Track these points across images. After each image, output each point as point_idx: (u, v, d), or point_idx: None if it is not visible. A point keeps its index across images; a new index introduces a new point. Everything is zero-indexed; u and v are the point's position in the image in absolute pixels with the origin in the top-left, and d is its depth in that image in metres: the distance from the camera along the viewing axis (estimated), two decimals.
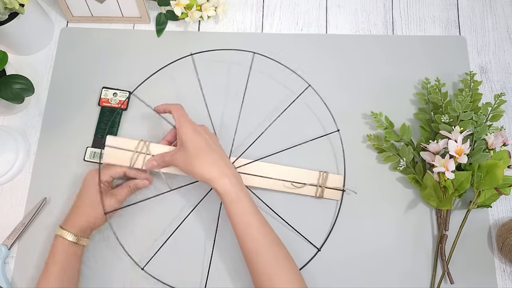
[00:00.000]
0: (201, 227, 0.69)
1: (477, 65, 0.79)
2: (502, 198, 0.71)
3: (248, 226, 0.57)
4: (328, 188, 0.69)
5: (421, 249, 0.68)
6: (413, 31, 0.81)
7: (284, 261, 0.57)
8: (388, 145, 0.71)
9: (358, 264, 0.68)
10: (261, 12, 0.83)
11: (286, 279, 0.55)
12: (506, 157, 0.65)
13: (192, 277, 0.67)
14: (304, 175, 0.69)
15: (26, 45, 0.78)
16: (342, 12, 0.83)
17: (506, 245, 0.65)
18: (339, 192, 0.70)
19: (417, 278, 0.67)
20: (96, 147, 0.74)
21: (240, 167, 0.69)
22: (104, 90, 0.76)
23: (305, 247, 0.68)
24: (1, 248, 0.67)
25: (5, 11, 0.69)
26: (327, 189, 0.69)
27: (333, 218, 0.70)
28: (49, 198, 0.71)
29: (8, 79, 0.68)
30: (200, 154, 0.59)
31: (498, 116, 0.70)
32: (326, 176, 0.69)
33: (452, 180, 0.64)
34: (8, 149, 0.72)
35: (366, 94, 0.76)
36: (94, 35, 0.81)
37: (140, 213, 0.70)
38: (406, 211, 0.70)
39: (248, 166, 0.69)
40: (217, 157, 0.59)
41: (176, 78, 0.77)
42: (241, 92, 0.74)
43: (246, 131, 0.74)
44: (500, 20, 0.81)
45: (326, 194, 0.69)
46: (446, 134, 0.65)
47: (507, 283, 0.67)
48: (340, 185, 0.70)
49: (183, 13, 0.77)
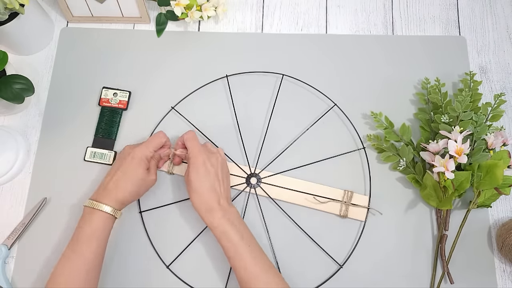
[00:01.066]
0: None
1: (477, 65, 0.79)
2: (502, 198, 0.71)
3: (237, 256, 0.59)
4: (353, 206, 0.68)
5: (421, 249, 0.68)
6: (413, 31, 0.81)
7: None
8: (388, 145, 0.71)
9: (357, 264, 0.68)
10: (261, 12, 0.83)
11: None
12: (506, 157, 0.65)
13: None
14: (328, 192, 0.69)
15: (26, 45, 0.78)
16: (342, 12, 0.83)
17: (506, 245, 0.65)
18: (364, 212, 0.68)
19: (417, 278, 0.67)
20: (96, 147, 0.74)
21: (264, 178, 0.70)
22: (104, 90, 0.76)
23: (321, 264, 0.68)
24: (1, 248, 0.67)
25: (5, 11, 0.69)
26: (351, 208, 0.68)
27: (356, 237, 0.69)
28: (49, 198, 0.71)
29: (8, 79, 0.68)
30: (198, 191, 0.62)
31: (498, 116, 0.70)
32: (351, 196, 0.69)
33: (452, 180, 0.64)
34: (8, 149, 0.72)
35: (366, 94, 0.76)
36: (94, 35, 0.81)
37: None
38: (406, 211, 0.70)
39: (272, 179, 0.70)
40: (212, 196, 0.62)
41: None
42: (267, 108, 0.76)
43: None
44: (500, 20, 0.81)
45: (351, 214, 0.68)
46: (446, 134, 0.65)
47: (507, 283, 0.67)
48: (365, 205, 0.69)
49: (183, 13, 0.77)
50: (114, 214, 0.62)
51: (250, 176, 0.71)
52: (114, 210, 0.61)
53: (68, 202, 0.71)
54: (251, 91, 0.77)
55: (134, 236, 0.69)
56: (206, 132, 0.74)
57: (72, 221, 0.70)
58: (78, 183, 0.72)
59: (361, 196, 0.69)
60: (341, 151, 0.73)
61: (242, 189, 0.70)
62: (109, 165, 0.73)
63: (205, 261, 0.68)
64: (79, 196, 0.71)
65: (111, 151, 0.73)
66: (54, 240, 0.69)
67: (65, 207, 0.71)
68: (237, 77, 0.77)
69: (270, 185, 0.70)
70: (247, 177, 0.71)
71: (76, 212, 0.70)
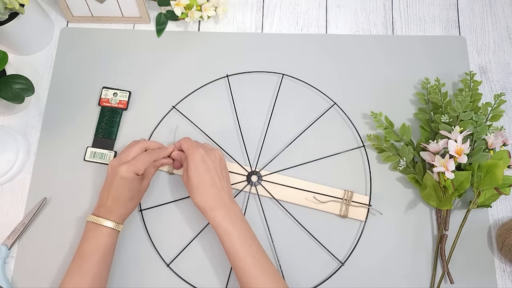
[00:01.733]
0: None
1: (477, 65, 0.79)
2: (502, 198, 0.71)
3: (237, 257, 0.59)
4: (353, 206, 0.68)
5: (421, 249, 0.68)
6: (413, 31, 0.81)
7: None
8: (388, 145, 0.71)
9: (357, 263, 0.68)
10: (261, 12, 0.83)
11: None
12: (506, 157, 0.65)
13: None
14: (329, 192, 0.70)
15: (26, 45, 0.78)
16: (342, 12, 0.83)
17: (506, 245, 0.65)
18: (364, 212, 0.69)
19: (417, 278, 0.67)
20: (96, 147, 0.74)
21: (265, 176, 0.71)
22: (104, 90, 0.76)
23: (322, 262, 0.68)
24: (1, 248, 0.67)
25: (5, 11, 0.69)
26: (352, 208, 0.68)
27: (356, 237, 0.69)
28: (49, 198, 0.71)
29: (8, 79, 0.68)
30: (199, 187, 0.62)
31: (498, 116, 0.70)
32: (351, 195, 0.69)
33: (452, 180, 0.64)
34: (8, 149, 0.72)
35: (366, 94, 0.76)
36: (94, 35, 0.81)
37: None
38: (406, 211, 0.70)
39: (273, 177, 0.71)
40: (214, 192, 0.62)
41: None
42: (268, 108, 0.76)
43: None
44: (500, 20, 0.81)
45: (351, 214, 0.69)
46: (446, 134, 0.65)
47: (507, 283, 0.67)
48: (365, 203, 0.69)
49: (183, 13, 0.77)
50: (117, 228, 0.62)
51: (250, 174, 0.71)
52: (117, 225, 0.62)
53: (68, 202, 0.71)
54: (251, 90, 0.77)
55: (135, 234, 0.69)
56: (206, 131, 0.74)
57: (72, 221, 0.70)
58: (78, 183, 0.72)
59: (361, 196, 0.69)
60: (341, 149, 0.73)
61: (242, 187, 0.70)
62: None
63: (205, 259, 0.68)
64: (79, 196, 0.71)
65: (111, 151, 0.73)
66: (54, 240, 0.69)
67: (65, 207, 0.71)
68: (237, 77, 0.77)
69: (270, 183, 0.71)
70: (248, 175, 0.71)
71: (76, 212, 0.70)
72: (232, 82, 0.77)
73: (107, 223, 0.61)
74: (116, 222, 0.62)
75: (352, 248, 0.68)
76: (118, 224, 0.63)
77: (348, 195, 0.69)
